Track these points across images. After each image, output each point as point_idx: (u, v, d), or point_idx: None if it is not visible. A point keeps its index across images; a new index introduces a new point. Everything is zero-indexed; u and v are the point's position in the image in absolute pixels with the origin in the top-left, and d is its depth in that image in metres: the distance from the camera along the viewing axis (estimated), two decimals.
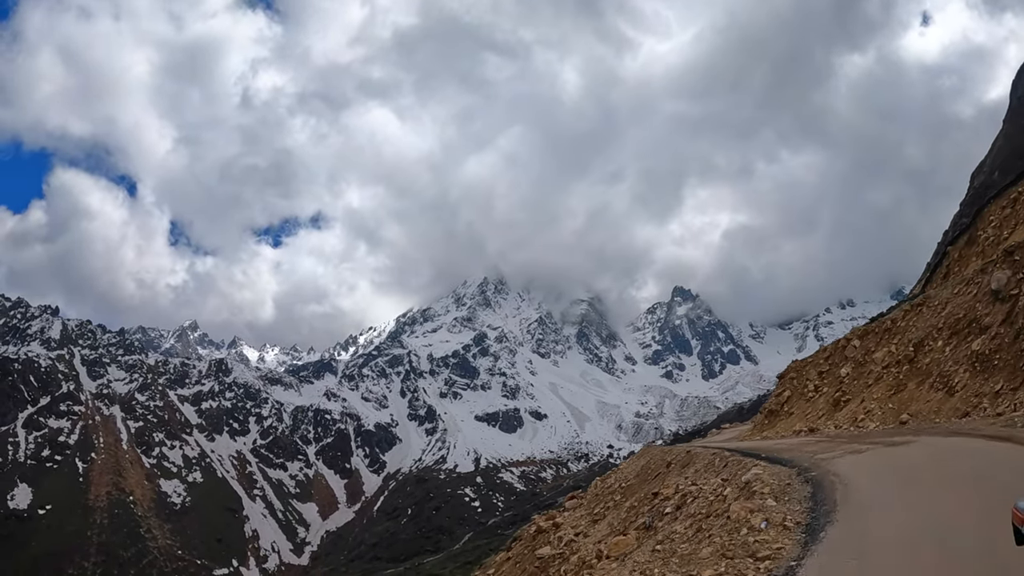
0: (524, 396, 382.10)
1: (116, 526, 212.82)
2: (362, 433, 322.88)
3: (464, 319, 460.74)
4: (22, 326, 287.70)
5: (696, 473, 25.18)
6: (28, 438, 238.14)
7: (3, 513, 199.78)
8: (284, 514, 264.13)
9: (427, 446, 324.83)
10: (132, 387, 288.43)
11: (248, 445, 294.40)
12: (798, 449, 25.32)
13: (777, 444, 31.35)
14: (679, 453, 33.45)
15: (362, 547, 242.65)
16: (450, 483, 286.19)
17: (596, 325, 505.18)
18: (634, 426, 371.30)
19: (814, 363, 48.35)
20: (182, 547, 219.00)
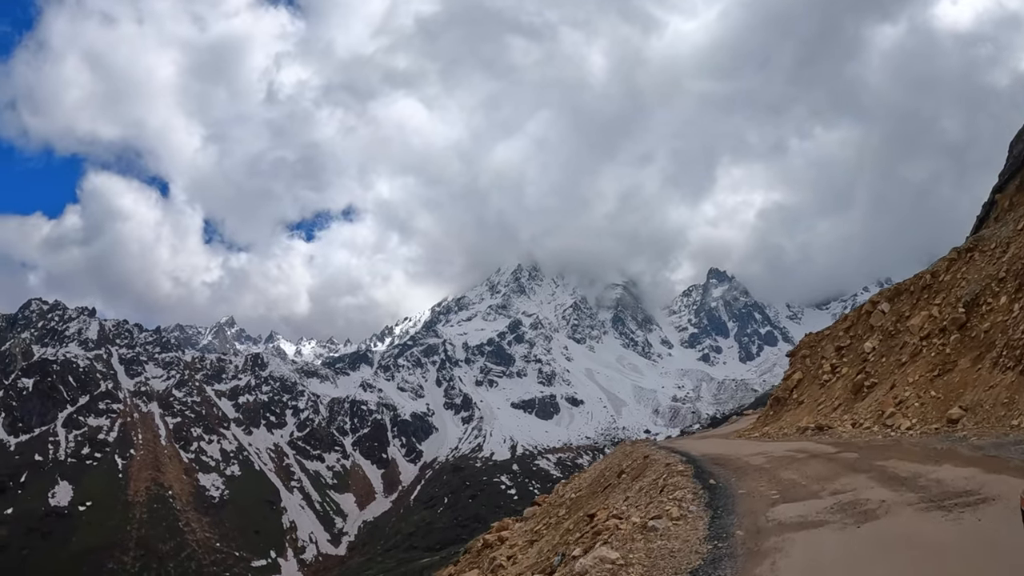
0: (560, 382, 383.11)
1: (155, 520, 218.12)
2: (398, 423, 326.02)
3: (499, 306, 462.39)
4: (60, 328, 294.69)
5: (639, 492, 20.57)
6: (68, 437, 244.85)
7: (44, 511, 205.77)
8: (321, 505, 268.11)
9: (463, 435, 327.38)
10: (169, 384, 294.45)
11: (285, 438, 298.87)
12: (772, 474, 19.35)
13: (755, 453, 25.51)
14: (636, 459, 30.32)
15: (398, 537, 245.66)
16: (486, 471, 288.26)
17: (631, 309, 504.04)
18: (671, 410, 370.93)
19: (832, 336, 40.05)
20: (221, 540, 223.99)
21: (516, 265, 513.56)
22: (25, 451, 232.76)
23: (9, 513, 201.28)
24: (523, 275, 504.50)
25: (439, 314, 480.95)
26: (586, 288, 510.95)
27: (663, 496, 17.75)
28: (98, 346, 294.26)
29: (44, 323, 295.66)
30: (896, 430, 24.48)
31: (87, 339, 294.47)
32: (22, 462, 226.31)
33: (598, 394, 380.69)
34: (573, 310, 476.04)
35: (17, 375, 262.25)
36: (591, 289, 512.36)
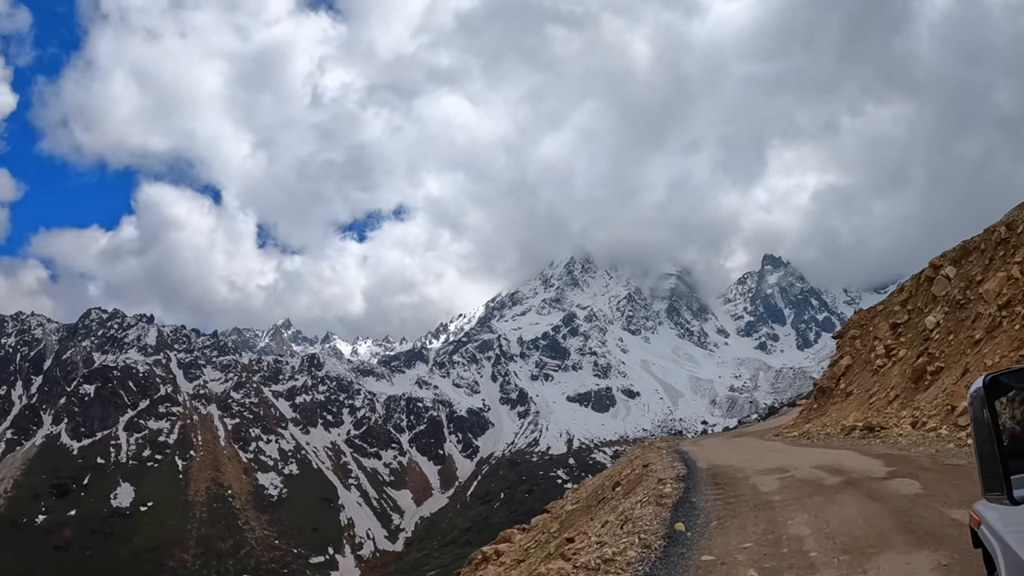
0: (616, 374, 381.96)
1: (215, 519, 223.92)
2: (454, 419, 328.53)
3: (552, 300, 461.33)
4: (119, 335, 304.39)
5: (619, 517, 17.55)
6: (129, 440, 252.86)
7: (107, 511, 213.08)
8: (379, 502, 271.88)
9: (519, 429, 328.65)
10: (227, 386, 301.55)
11: (342, 436, 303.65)
12: (773, 520, 14.33)
13: (774, 468, 21.50)
14: (637, 467, 28.61)
15: (455, 532, 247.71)
16: (542, 465, 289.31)
17: (686, 298, 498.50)
18: (728, 400, 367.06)
19: (886, 312, 34.54)
20: (279, 537, 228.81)
21: (569, 258, 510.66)
22: (88, 455, 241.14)
23: (72, 515, 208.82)
24: (576, 268, 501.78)
25: (493, 309, 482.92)
26: (640, 279, 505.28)
27: (624, 531, 15.30)
28: (157, 351, 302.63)
29: (104, 331, 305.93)
30: None
31: (146, 345, 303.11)
32: (85, 465, 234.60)
33: (654, 385, 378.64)
34: (627, 301, 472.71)
35: (79, 382, 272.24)
36: (645, 280, 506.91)
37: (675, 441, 52.62)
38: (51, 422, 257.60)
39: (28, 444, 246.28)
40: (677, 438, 65.95)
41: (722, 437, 55.61)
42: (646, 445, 45.41)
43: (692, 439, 57.08)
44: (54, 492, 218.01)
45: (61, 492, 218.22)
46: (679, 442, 49.69)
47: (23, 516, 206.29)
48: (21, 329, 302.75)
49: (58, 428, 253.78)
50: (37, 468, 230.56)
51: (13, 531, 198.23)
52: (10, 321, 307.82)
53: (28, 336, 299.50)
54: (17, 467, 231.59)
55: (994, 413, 5.02)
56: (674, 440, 56.08)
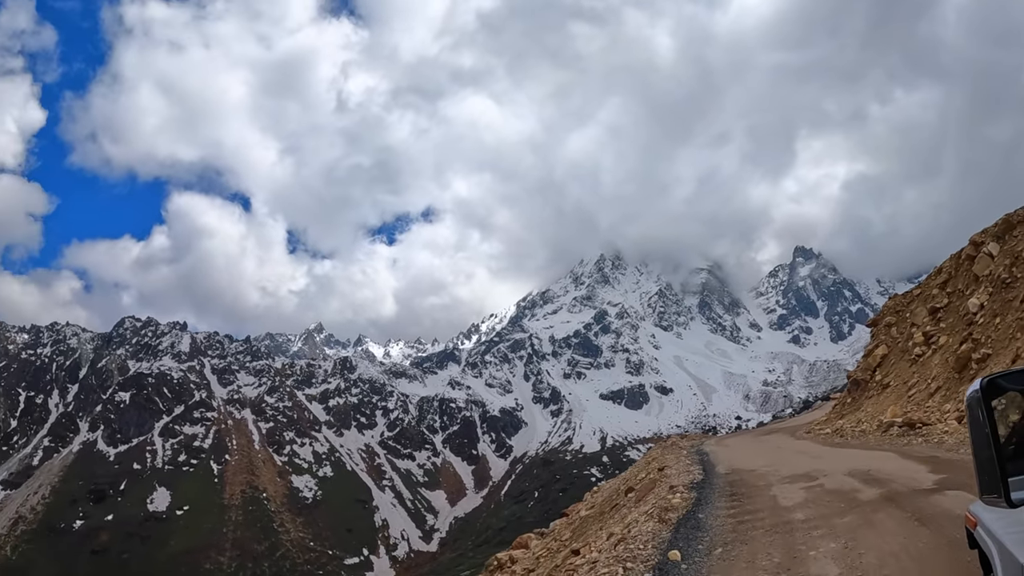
0: (648, 371, 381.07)
1: (250, 522, 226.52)
2: (487, 419, 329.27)
3: (583, 298, 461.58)
4: (153, 343, 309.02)
5: (632, 522, 17.15)
6: (165, 445, 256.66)
7: (143, 515, 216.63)
8: (413, 503, 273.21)
9: (553, 428, 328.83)
10: (261, 391, 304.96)
11: (376, 438, 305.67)
12: (792, 549, 11.97)
13: (800, 475, 19.56)
14: (652, 471, 27.53)
15: (489, 532, 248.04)
16: (576, 464, 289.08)
17: (718, 293, 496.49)
18: (762, 395, 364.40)
19: (924, 296, 32.31)
20: (314, 539, 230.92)
21: (598, 255, 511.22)
22: (124, 460, 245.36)
23: (110, 519, 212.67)
24: (606, 265, 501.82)
25: (524, 309, 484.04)
26: (670, 274, 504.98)
27: (616, 552, 14.24)
28: (191, 358, 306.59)
29: (138, 339, 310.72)
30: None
31: (180, 352, 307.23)
32: (121, 471, 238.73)
33: (687, 381, 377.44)
34: (658, 297, 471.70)
35: (114, 389, 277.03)
36: (675, 275, 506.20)
37: (700, 440, 51.74)
38: (88, 429, 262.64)
39: (65, 451, 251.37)
40: (705, 436, 64.24)
41: (751, 435, 53.72)
42: (667, 445, 44.53)
43: (718, 438, 55.48)
44: (91, 498, 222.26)
45: (98, 497, 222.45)
46: (703, 441, 48.61)
47: (61, 521, 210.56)
48: (57, 339, 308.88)
49: (95, 435, 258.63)
50: (75, 474, 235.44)
51: (52, 536, 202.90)
52: (46, 331, 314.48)
53: (64, 346, 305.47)
54: (55, 474, 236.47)
55: (992, 415, 4.99)
56: (699, 439, 54.99)
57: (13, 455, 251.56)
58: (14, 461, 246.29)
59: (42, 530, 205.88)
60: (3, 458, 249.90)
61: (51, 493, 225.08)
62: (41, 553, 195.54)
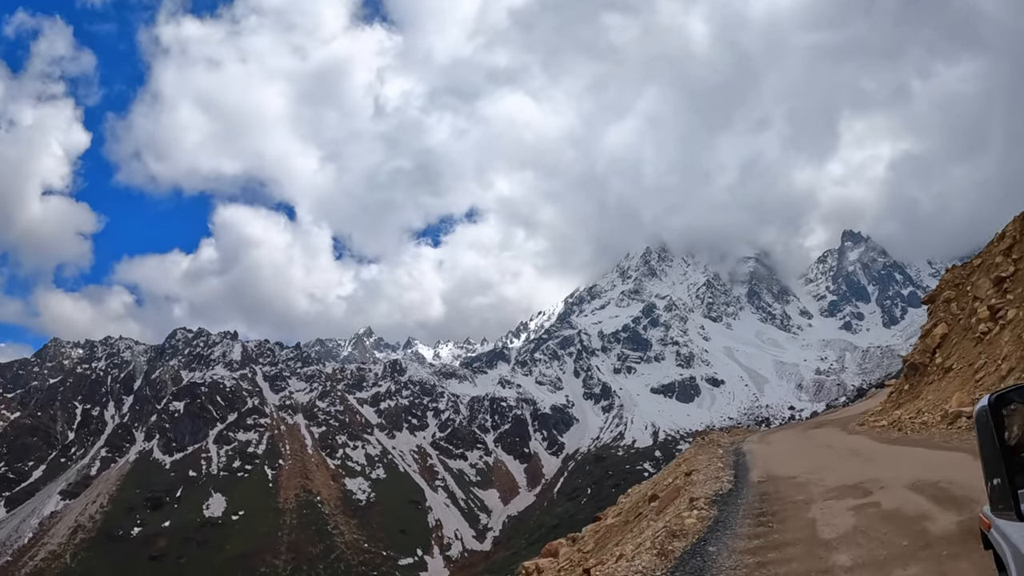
0: (699, 363, 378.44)
1: (304, 525, 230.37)
2: (539, 417, 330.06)
3: (631, 292, 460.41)
4: (205, 353, 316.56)
5: (633, 550, 15.32)
6: (219, 452, 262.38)
7: (199, 521, 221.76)
8: (466, 502, 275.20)
9: (604, 424, 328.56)
10: (312, 396, 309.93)
11: (428, 439, 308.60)
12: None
13: (851, 485, 16.58)
14: (679, 476, 25.70)
15: (543, 530, 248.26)
16: (629, 459, 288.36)
17: (766, 281, 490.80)
18: (815, 384, 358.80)
19: (985, 265, 29.82)
20: (368, 540, 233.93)
21: (644, 248, 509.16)
22: (179, 468, 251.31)
23: (166, 526, 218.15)
24: (652, 257, 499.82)
25: (572, 305, 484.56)
26: (717, 264, 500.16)
27: None
28: (242, 366, 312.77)
29: (190, 350, 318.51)
30: None
31: (231, 361, 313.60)
32: (177, 478, 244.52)
33: (739, 372, 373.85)
34: (706, 288, 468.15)
35: (168, 399, 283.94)
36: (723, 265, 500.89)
37: (743, 435, 49.95)
38: (143, 439, 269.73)
39: (122, 461, 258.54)
40: (749, 431, 59.86)
41: (799, 428, 49.68)
42: (704, 443, 42.02)
43: (762, 433, 51.51)
44: (148, 505, 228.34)
45: (155, 505, 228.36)
46: (746, 437, 46.14)
47: (119, 529, 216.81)
48: (111, 353, 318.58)
49: (150, 444, 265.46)
50: (132, 483, 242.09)
51: (110, 543, 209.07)
52: (99, 346, 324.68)
53: (118, 359, 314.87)
54: (112, 483, 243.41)
55: (1001, 429, 5.08)
56: (744, 434, 53.38)
57: (71, 466, 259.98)
58: (72, 472, 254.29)
59: (101, 538, 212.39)
60: (62, 469, 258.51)
61: (109, 502, 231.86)
62: (100, 560, 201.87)
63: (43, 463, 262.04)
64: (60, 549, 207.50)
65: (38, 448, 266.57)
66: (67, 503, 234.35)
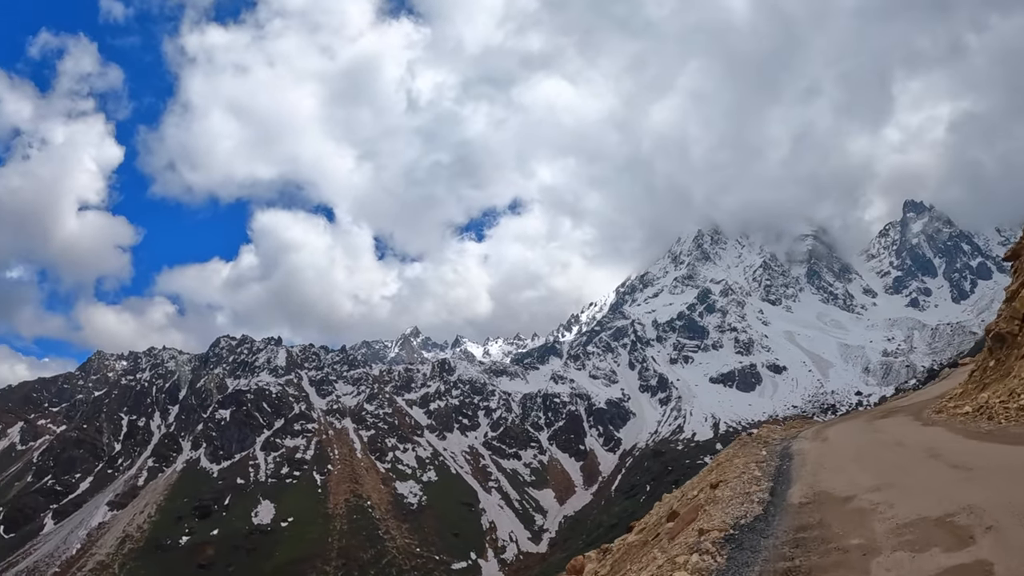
0: (759, 350, 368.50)
1: (355, 530, 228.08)
2: (594, 412, 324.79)
3: (684, 278, 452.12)
4: (250, 360, 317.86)
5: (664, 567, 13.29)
6: (267, 459, 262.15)
7: (248, 529, 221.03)
8: (520, 503, 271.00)
9: (662, 417, 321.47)
10: (360, 399, 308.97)
11: (479, 439, 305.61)
12: None
13: (950, 516, 11.92)
14: (703, 489, 23.49)
15: (601, 529, 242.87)
16: (688, 453, 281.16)
17: (826, 259, 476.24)
18: (882, 367, 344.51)
19: None
20: (420, 544, 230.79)
21: (696, 231, 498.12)
22: (227, 476, 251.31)
23: (215, 534, 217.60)
24: (705, 240, 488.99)
25: (624, 294, 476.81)
26: (773, 244, 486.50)
27: None
28: (288, 372, 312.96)
29: (234, 357, 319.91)
30: None
31: (276, 366, 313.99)
32: (225, 486, 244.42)
33: (801, 358, 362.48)
34: (763, 270, 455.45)
35: (214, 407, 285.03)
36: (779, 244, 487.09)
37: (799, 427, 45.35)
38: (190, 448, 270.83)
39: (169, 470, 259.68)
40: (807, 422, 55.67)
41: (864, 418, 42.02)
42: (748, 440, 37.52)
43: (821, 426, 44.87)
44: (196, 514, 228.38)
45: (203, 513, 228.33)
46: (801, 430, 41.09)
47: (167, 538, 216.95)
48: (155, 363, 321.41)
49: (197, 453, 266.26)
50: (179, 492, 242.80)
51: (159, 552, 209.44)
52: (143, 357, 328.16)
53: (162, 369, 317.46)
54: (160, 492, 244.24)
55: None
56: (800, 425, 48.67)
57: (118, 477, 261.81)
58: (119, 482, 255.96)
59: (149, 547, 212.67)
60: (109, 480, 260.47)
61: (157, 511, 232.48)
62: (148, 569, 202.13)
63: (90, 475, 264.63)
64: (108, 559, 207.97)
65: (85, 460, 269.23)
66: (115, 513, 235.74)
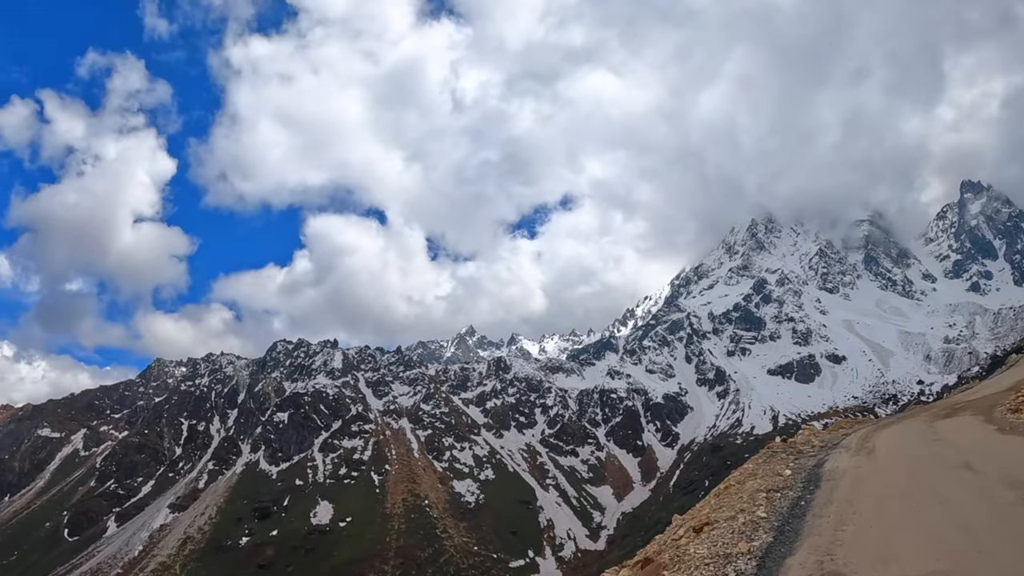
0: (817, 339, 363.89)
1: (412, 530, 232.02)
2: (651, 407, 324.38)
3: (739, 268, 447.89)
4: (306, 363, 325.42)
5: None
6: (325, 460, 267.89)
7: (307, 529, 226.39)
8: (578, 500, 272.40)
9: (720, 411, 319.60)
10: (416, 399, 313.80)
11: (536, 436, 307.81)
12: None
13: None
14: (686, 530, 20.46)
15: (659, 526, 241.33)
16: (747, 447, 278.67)
17: (883, 245, 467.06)
18: (944, 354, 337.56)
19: None
20: (478, 543, 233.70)
21: (749, 220, 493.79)
22: (286, 478, 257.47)
23: (274, 535, 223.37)
24: (759, 229, 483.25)
25: (679, 287, 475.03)
26: (829, 231, 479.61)
27: None
28: (344, 374, 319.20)
29: (291, 361, 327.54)
30: None
31: (333, 369, 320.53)
32: (284, 488, 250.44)
33: (861, 347, 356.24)
34: (819, 257, 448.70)
35: (272, 411, 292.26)
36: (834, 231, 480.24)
37: (847, 429, 42.69)
38: (249, 451, 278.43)
39: (229, 473, 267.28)
40: (858, 422, 50.66)
41: (924, 418, 37.97)
42: (778, 449, 33.61)
43: (871, 429, 40.54)
44: (256, 515, 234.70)
45: (263, 515, 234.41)
46: (845, 435, 38.18)
47: (228, 539, 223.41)
48: (213, 369, 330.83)
49: (256, 455, 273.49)
50: (239, 494, 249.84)
51: (219, 553, 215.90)
52: (202, 363, 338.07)
53: (220, 374, 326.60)
54: (220, 495, 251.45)
55: None
56: (849, 425, 46.45)
57: (179, 480, 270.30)
58: (180, 486, 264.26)
59: (209, 548, 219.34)
60: (170, 484, 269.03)
61: (217, 513, 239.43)
62: (209, 570, 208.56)
63: (151, 479, 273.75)
64: (170, 560, 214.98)
65: (146, 465, 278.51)
66: (176, 516, 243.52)
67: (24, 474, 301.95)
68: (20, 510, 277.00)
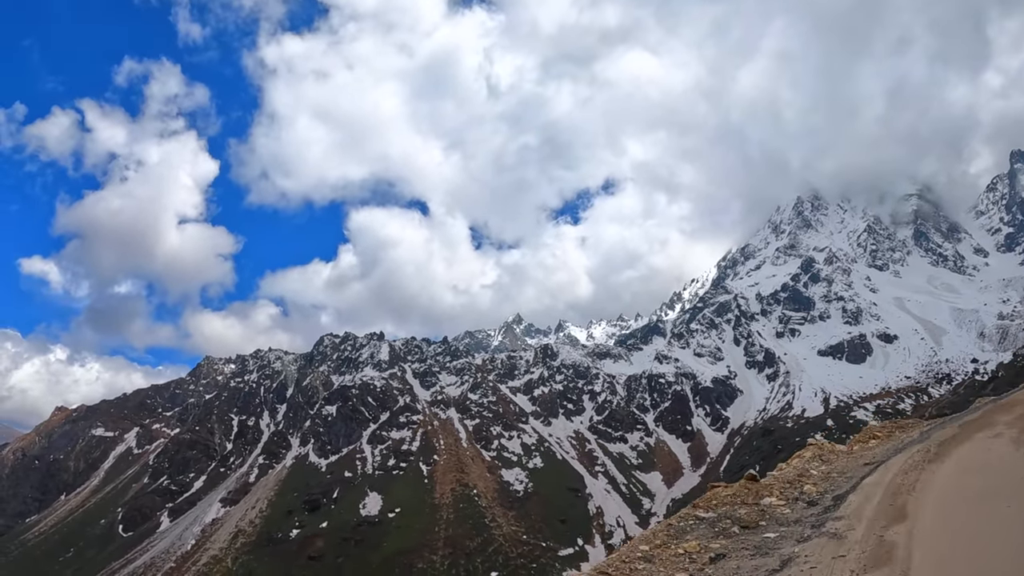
0: (868, 318, 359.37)
1: (461, 519, 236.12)
2: (700, 391, 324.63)
3: (786, 247, 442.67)
4: (353, 356, 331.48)
5: None
6: (374, 452, 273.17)
7: (356, 520, 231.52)
8: (627, 487, 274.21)
9: (770, 393, 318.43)
10: (464, 388, 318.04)
11: (585, 423, 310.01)
12: None
13: None
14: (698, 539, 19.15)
15: None
16: (799, 430, 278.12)
17: (932, 219, 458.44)
18: (999, 331, 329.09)
19: None
20: (527, 532, 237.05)
21: (795, 198, 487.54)
22: (335, 470, 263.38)
23: (324, 527, 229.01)
24: (805, 207, 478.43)
25: (725, 268, 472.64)
26: (876, 206, 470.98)
27: None
28: (391, 365, 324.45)
29: (338, 354, 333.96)
30: None
31: (380, 361, 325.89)
32: (333, 480, 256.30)
33: (912, 325, 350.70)
34: (868, 234, 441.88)
35: (320, 404, 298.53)
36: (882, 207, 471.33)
37: (890, 433, 38.68)
38: (299, 444, 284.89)
39: (279, 467, 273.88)
40: (904, 424, 44.97)
41: (1003, 426, 32.05)
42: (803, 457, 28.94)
43: (927, 440, 33.60)
44: (306, 508, 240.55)
45: (313, 507, 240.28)
46: (897, 445, 33.72)
47: (278, 532, 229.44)
48: (261, 364, 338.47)
49: (306, 449, 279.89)
50: (289, 487, 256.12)
51: (270, 546, 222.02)
52: (251, 359, 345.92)
53: (269, 370, 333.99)
54: (270, 488, 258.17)
55: None
56: (891, 428, 40.64)
57: (230, 475, 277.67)
58: (231, 480, 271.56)
59: (261, 541, 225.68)
60: (221, 479, 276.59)
61: (268, 506, 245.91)
62: (260, 562, 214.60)
63: (203, 474, 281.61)
64: (222, 554, 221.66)
65: (198, 460, 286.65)
66: (227, 510, 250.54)
67: (79, 473, 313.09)
68: (76, 508, 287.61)
